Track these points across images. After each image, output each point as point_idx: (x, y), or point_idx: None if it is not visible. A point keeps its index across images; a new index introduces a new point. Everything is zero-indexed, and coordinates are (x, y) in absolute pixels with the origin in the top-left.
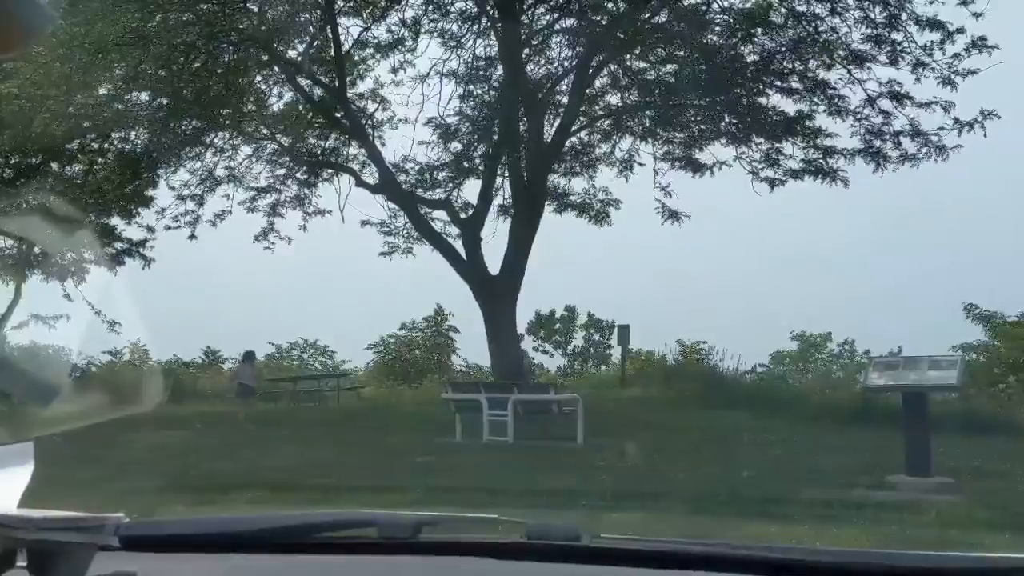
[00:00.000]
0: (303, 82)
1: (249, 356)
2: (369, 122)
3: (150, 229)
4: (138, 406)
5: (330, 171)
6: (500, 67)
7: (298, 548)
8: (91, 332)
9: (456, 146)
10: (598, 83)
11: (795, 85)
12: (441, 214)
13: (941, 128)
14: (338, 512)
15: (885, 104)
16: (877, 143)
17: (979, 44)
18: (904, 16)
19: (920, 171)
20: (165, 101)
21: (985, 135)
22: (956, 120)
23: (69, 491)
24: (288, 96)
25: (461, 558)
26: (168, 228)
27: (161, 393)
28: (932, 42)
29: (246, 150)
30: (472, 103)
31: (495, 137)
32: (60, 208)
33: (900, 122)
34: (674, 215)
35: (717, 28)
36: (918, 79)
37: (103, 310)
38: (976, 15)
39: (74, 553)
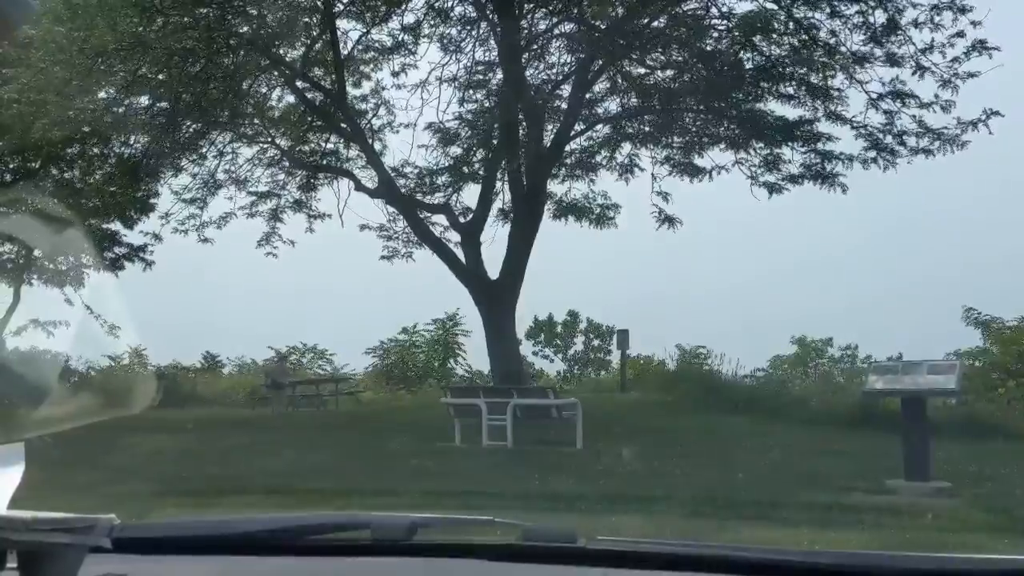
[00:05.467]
0: (303, 86)
1: (281, 357)
2: (369, 126)
3: (156, 236)
4: (136, 410)
5: (329, 175)
6: (500, 72)
7: (292, 550)
8: (90, 336)
9: (456, 150)
10: (597, 88)
11: (794, 90)
12: (441, 218)
13: (944, 127)
14: (332, 514)
15: (888, 104)
16: (887, 140)
17: (979, 47)
18: (904, 20)
19: (920, 175)
20: (164, 105)
21: (990, 132)
22: (958, 120)
23: (62, 493)
24: (288, 100)
25: (456, 560)
26: (176, 231)
27: (159, 397)
28: (931, 44)
29: (246, 153)
30: (472, 107)
31: (495, 141)
32: (60, 213)
33: (903, 122)
34: (669, 220)
35: (716, 33)
36: (921, 77)
37: (103, 315)
38: (974, 23)
39: (65, 555)
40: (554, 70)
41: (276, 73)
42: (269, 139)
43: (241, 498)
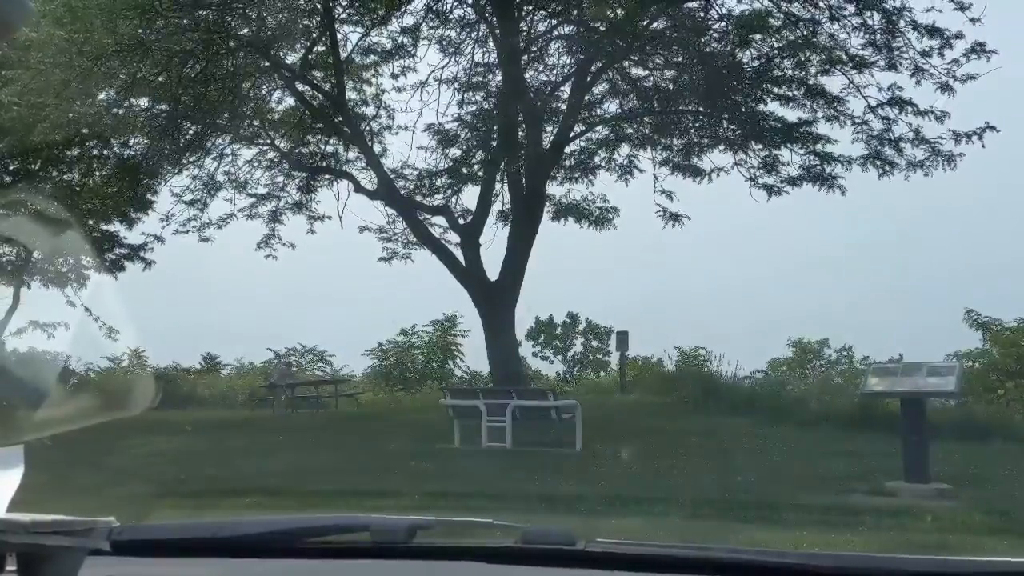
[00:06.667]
0: (302, 88)
1: (286, 360)
2: (368, 128)
3: (158, 238)
4: (135, 411)
5: (329, 177)
6: (499, 73)
7: (291, 552)
8: (90, 338)
9: (455, 152)
10: (597, 89)
11: (793, 92)
12: (440, 220)
13: (940, 138)
14: (332, 516)
15: (886, 111)
16: (886, 150)
17: (978, 49)
18: (903, 23)
19: (920, 177)
20: (164, 107)
21: (984, 146)
22: (954, 132)
23: (62, 495)
24: (288, 102)
25: (455, 563)
26: (177, 232)
27: (159, 398)
28: (931, 47)
29: (246, 155)
30: (471, 109)
31: (494, 143)
32: (60, 214)
33: (900, 129)
34: (674, 217)
35: (715, 34)
36: (918, 82)
37: (102, 316)
38: (973, 20)
39: (64, 557)
40: (553, 72)
41: (276, 75)
42: (269, 141)
43: (240, 500)
